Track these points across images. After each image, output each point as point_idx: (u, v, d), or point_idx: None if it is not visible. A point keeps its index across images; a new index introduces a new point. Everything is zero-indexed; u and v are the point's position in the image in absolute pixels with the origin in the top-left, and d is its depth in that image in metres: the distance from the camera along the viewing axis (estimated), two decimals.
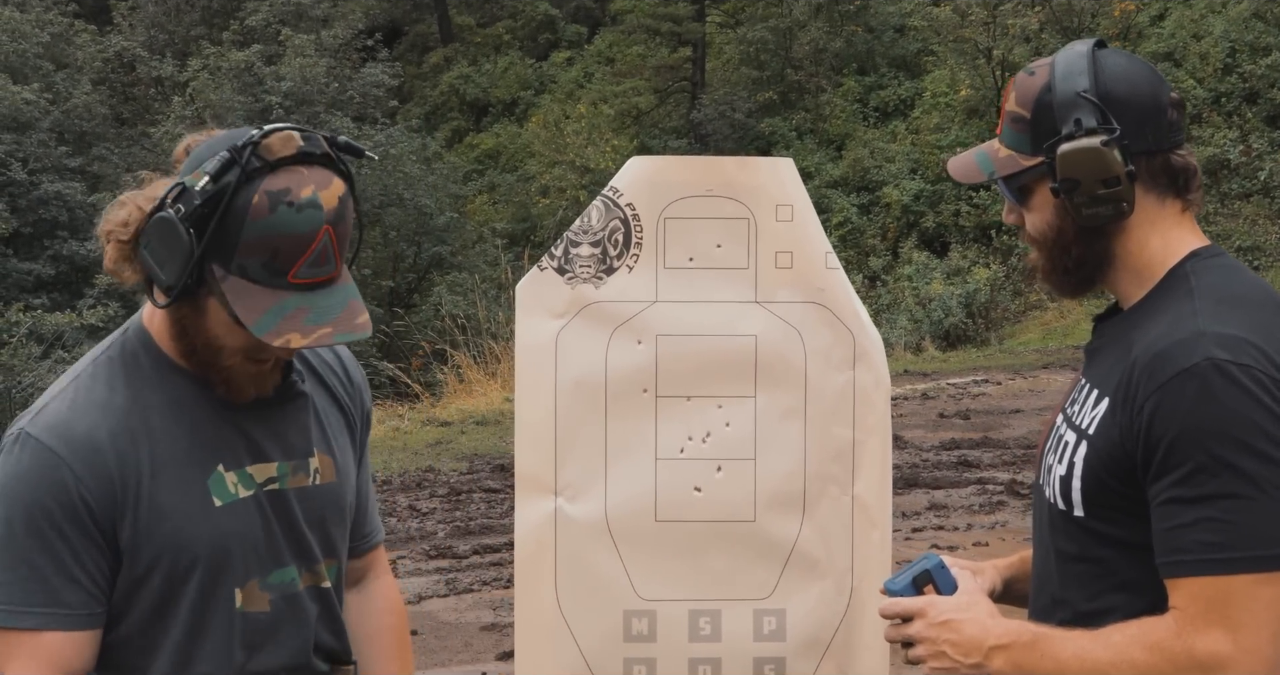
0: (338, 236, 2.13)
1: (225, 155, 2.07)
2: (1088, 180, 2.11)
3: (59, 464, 2.12)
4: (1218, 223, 23.33)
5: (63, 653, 2.13)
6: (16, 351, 20.12)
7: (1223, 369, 1.97)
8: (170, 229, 2.08)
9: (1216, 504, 1.95)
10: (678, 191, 2.93)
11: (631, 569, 2.92)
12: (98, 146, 27.36)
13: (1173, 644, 1.96)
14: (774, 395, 2.93)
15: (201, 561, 2.19)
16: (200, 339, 2.17)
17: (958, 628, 2.15)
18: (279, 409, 2.31)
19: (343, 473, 2.39)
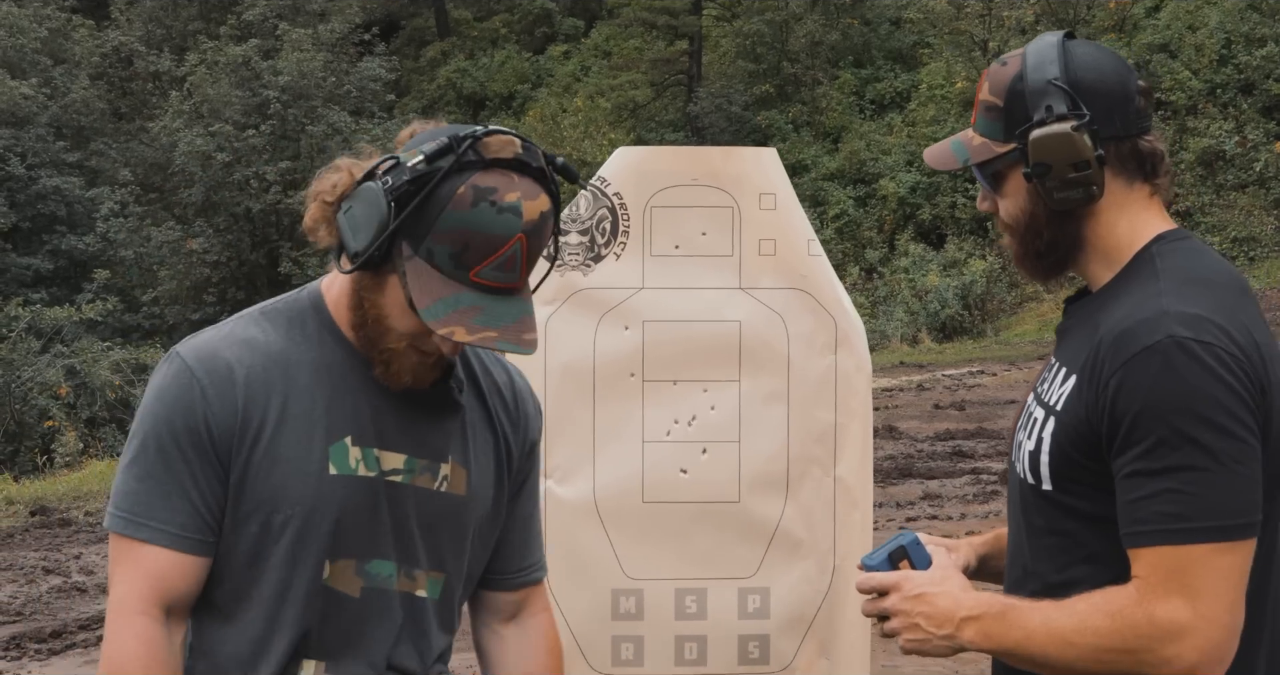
0: (529, 249, 2.11)
1: (444, 141, 2.08)
2: (1059, 164, 2.16)
3: (193, 384, 2.15)
4: (1213, 213, 23.39)
5: (167, 570, 2.16)
6: (16, 346, 20.19)
7: (1184, 346, 2.01)
8: (373, 198, 2.10)
9: (1177, 476, 1.99)
10: (664, 181, 3.00)
11: (619, 549, 3.00)
12: (96, 141, 27.41)
13: (1134, 611, 2.01)
14: (758, 379, 3.01)
15: (296, 520, 2.17)
16: (373, 313, 2.17)
17: (931, 600, 2.19)
18: (427, 407, 2.28)
19: (475, 490, 2.34)
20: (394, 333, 2.16)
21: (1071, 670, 2.07)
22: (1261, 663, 2.12)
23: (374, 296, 2.16)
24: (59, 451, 16.35)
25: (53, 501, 11.40)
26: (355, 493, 2.20)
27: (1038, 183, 2.20)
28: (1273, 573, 2.12)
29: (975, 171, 2.28)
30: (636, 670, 3.01)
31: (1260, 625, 2.09)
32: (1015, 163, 2.22)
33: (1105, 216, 2.24)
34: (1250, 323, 2.11)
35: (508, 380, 2.43)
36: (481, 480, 2.34)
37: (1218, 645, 2.00)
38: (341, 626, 2.22)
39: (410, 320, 2.13)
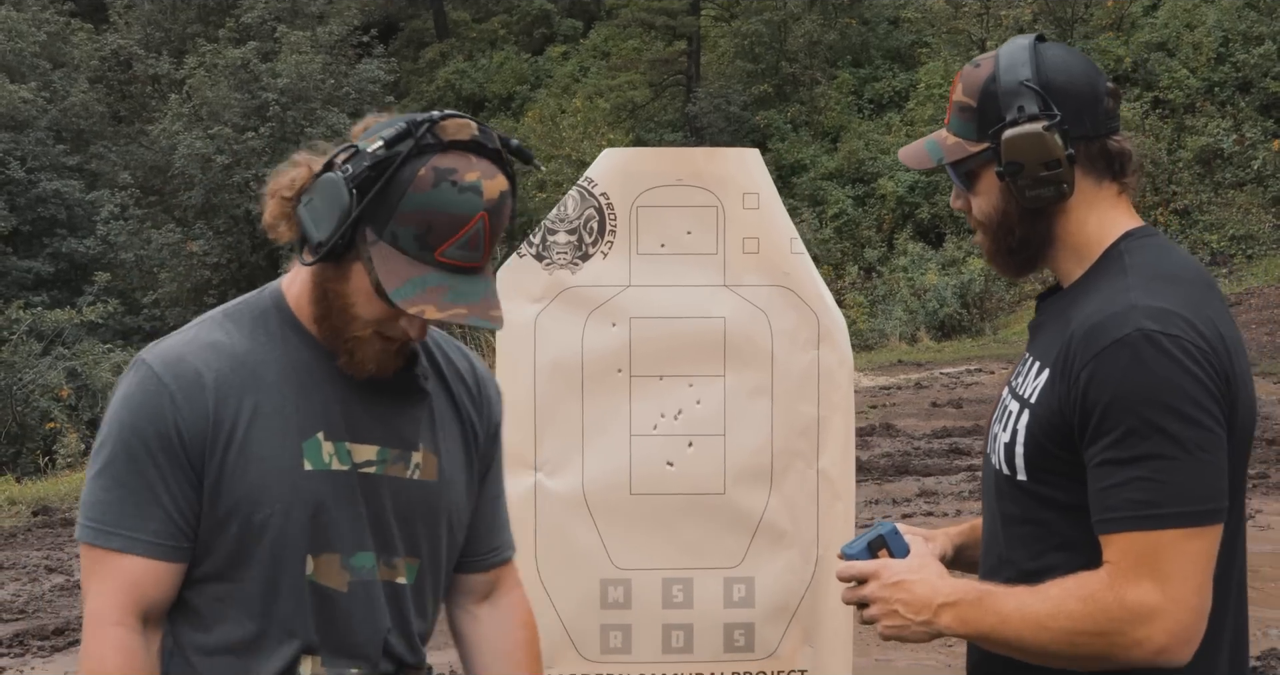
0: (491, 227, 2.14)
1: (403, 126, 2.11)
2: (1030, 163, 2.23)
3: (162, 391, 2.15)
4: (1211, 211, 23.42)
5: (142, 578, 2.15)
6: (17, 348, 20.23)
7: (1152, 339, 2.08)
8: (334, 188, 2.11)
9: (1146, 464, 2.05)
10: (649, 181, 3.07)
11: (608, 540, 3.06)
12: (95, 144, 27.43)
13: (1105, 595, 2.07)
14: (742, 374, 3.07)
15: (275, 519, 2.18)
16: (337, 303, 2.18)
17: (909, 588, 2.24)
18: (394, 397, 2.29)
19: (446, 476, 2.36)
20: (359, 320, 2.17)
21: (1045, 653, 2.12)
22: (1226, 645, 2.19)
23: (338, 286, 2.17)
24: (61, 453, 16.40)
25: (55, 502, 11.46)
26: (331, 487, 2.21)
27: (1010, 181, 2.26)
28: (1236, 558, 2.19)
29: (949, 170, 2.35)
30: (625, 658, 3.07)
31: (1224, 608, 2.16)
32: (988, 162, 2.28)
33: (1075, 214, 2.30)
34: (1215, 316, 2.18)
35: (469, 367, 2.45)
36: (452, 465, 2.36)
37: (1187, 627, 2.07)
38: (333, 621, 2.23)
39: (376, 306, 2.15)
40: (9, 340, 20.66)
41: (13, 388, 19.45)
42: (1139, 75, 25.97)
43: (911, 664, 6.47)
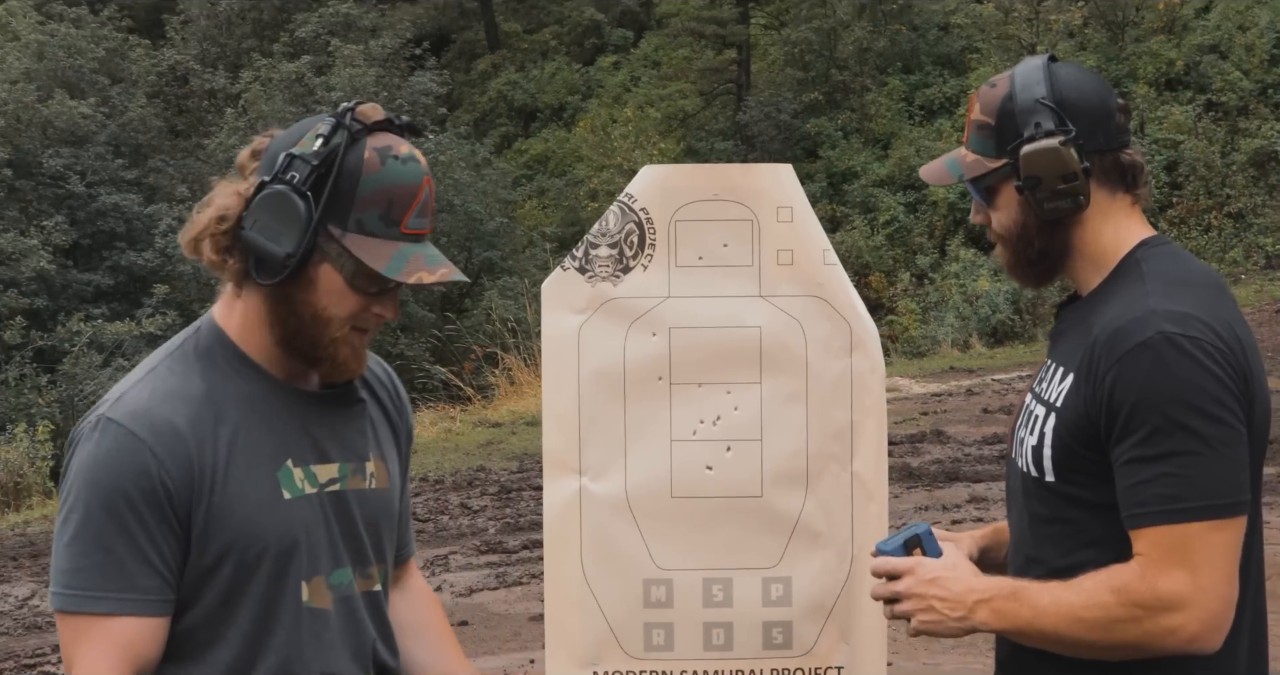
0: (432, 194, 2.24)
1: (330, 120, 2.17)
2: (1049, 177, 2.35)
3: (141, 448, 2.13)
4: (1265, 215, 23.24)
5: (135, 638, 2.14)
6: (78, 360, 20.54)
7: (1173, 341, 2.19)
8: (283, 199, 2.14)
9: (1172, 461, 2.17)
10: (687, 196, 3.17)
11: (650, 541, 3.15)
12: (153, 159, 27.70)
13: (1138, 585, 2.17)
14: (778, 381, 3.16)
15: (271, 552, 2.20)
16: (308, 313, 2.19)
17: (945, 584, 2.34)
18: (340, 412, 2.34)
19: (393, 481, 2.42)
20: (335, 321, 2.21)
21: (1079, 643, 2.23)
22: (1245, 632, 2.29)
23: (305, 295, 2.19)
24: None
25: None
26: (309, 511, 2.25)
27: (1029, 194, 2.37)
28: (1254, 548, 2.29)
29: (969, 186, 2.45)
30: (667, 655, 3.16)
31: (1244, 597, 2.26)
32: (1007, 177, 2.40)
33: (1092, 225, 2.41)
34: (1230, 318, 2.28)
35: (386, 376, 2.51)
36: (394, 469, 2.45)
37: (1217, 614, 2.18)
38: (325, 642, 2.27)
39: (350, 300, 2.20)
40: (70, 352, 20.97)
41: (74, 399, 19.75)
42: (1191, 78, 25.80)
43: (959, 668, 6.53)
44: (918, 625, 2.37)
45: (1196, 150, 24.09)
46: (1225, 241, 23.26)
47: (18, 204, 25.34)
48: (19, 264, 23.05)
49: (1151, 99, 25.43)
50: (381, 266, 2.16)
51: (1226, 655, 2.25)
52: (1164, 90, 25.98)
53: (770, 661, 3.16)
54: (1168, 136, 24.69)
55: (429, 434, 14.24)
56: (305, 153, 2.16)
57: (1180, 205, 23.97)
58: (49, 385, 20.73)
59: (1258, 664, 2.33)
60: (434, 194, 2.25)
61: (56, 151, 25.81)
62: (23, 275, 23.03)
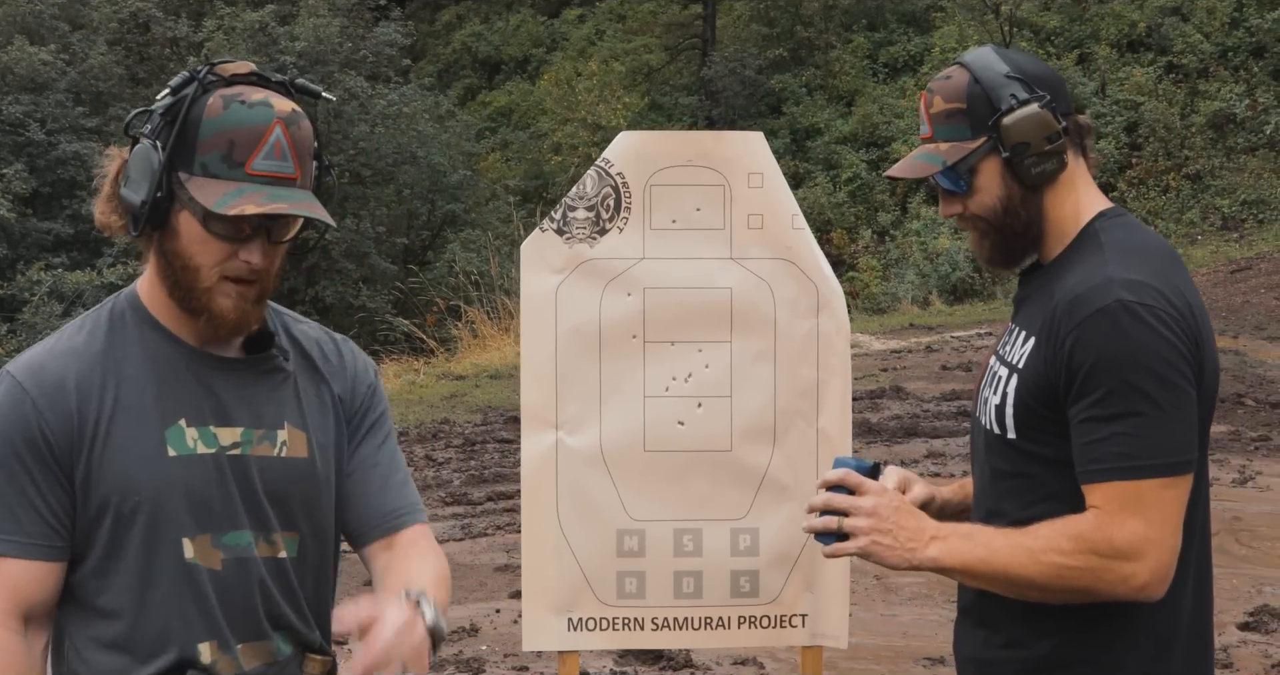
0: (291, 137, 2.20)
1: (185, 74, 2.20)
2: (1035, 139, 2.45)
3: (24, 399, 2.21)
4: (1223, 176, 23.47)
5: (20, 579, 2.21)
6: (38, 310, 20.45)
7: (1129, 308, 2.30)
8: (141, 151, 2.20)
9: (1127, 421, 2.28)
10: (662, 162, 3.28)
11: (623, 493, 3.27)
12: (114, 106, 27.42)
13: (1094, 534, 2.29)
14: (747, 340, 3.28)
15: (145, 505, 2.23)
16: (178, 263, 2.22)
17: (908, 514, 2.39)
18: (255, 377, 2.34)
19: (318, 450, 2.38)
20: (203, 269, 2.22)
21: (1030, 584, 2.33)
22: (1190, 581, 2.43)
23: (172, 245, 2.22)
24: None
25: None
26: (197, 471, 2.26)
27: (1016, 162, 2.46)
28: (1199, 503, 2.42)
29: (942, 178, 2.52)
30: (639, 602, 3.29)
31: (1190, 548, 2.39)
32: (989, 153, 2.48)
33: (1059, 192, 2.52)
34: (1182, 286, 2.41)
35: (334, 349, 2.48)
36: (324, 440, 2.39)
37: (1165, 565, 2.30)
38: (210, 599, 2.27)
39: (212, 246, 2.21)
40: (30, 302, 20.87)
41: None
42: (1153, 40, 25.97)
43: (915, 618, 6.68)
44: (867, 544, 2.37)
45: (1156, 112, 24.29)
46: (1183, 202, 23.50)
47: None
48: None
49: (1113, 60, 25.60)
50: (210, 202, 2.16)
51: (1171, 603, 2.38)
52: (1125, 52, 26.15)
53: (738, 609, 3.29)
54: (1128, 98, 24.87)
55: (393, 386, 14.29)
56: (154, 106, 2.22)
57: (1139, 166, 24.18)
58: (9, 335, 20.65)
59: (1201, 612, 2.47)
60: (298, 138, 2.22)
61: (16, 98, 25.58)
62: None
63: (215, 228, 2.20)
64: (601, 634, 3.30)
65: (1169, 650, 2.41)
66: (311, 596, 2.39)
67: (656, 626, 3.29)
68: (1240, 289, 17.68)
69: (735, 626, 3.30)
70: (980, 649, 2.54)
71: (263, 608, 2.31)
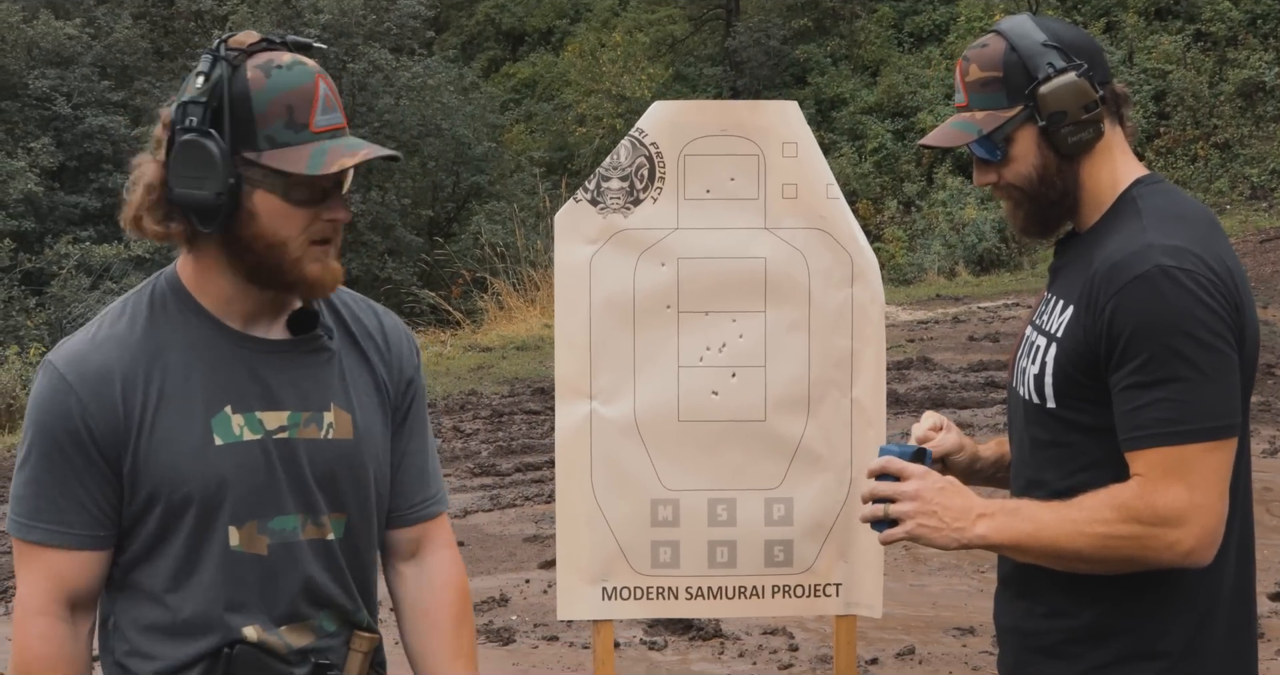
0: (332, 87, 2.23)
1: (207, 57, 2.19)
2: (1073, 108, 2.44)
3: (68, 391, 2.21)
4: (1252, 145, 23.31)
5: (63, 569, 2.24)
6: (66, 283, 20.55)
7: (1169, 273, 2.30)
8: (192, 146, 2.17)
9: (1169, 386, 2.28)
10: (695, 131, 3.28)
11: (657, 462, 3.28)
12: (139, 80, 27.50)
13: (1137, 503, 2.29)
14: (781, 310, 3.29)
15: (196, 496, 2.24)
16: (261, 244, 2.21)
17: (951, 496, 2.39)
18: (299, 359, 2.34)
19: (363, 432, 2.38)
20: (290, 241, 2.22)
21: (1078, 557, 2.34)
22: (1234, 546, 2.43)
23: (253, 229, 2.21)
24: None
25: None
26: (244, 459, 2.27)
27: (1053, 131, 2.45)
28: (1241, 469, 2.42)
29: (977, 147, 2.51)
30: (673, 572, 3.30)
31: (1233, 515, 2.39)
32: (1025, 121, 2.47)
33: (1097, 159, 2.51)
34: (1222, 251, 2.40)
35: (377, 323, 2.48)
36: (368, 421, 2.40)
37: (1212, 530, 2.31)
38: (258, 585, 2.29)
39: (295, 216, 2.21)
40: (58, 275, 20.96)
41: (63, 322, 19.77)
42: (1181, 8, 25.77)
43: (945, 589, 6.69)
44: (914, 528, 2.39)
45: (1185, 80, 24.13)
46: (1211, 172, 23.37)
47: (4, 126, 25.22)
48: (6, 186, 22.97)
49: (1141, 28, 25.43)
50: (303, 168, 2.18)
51: (1216, 569, 2.38)
52: (1153, 20, 25.96)
53: (772, 578, 3.31)
54: (1156, 66, 24.71)
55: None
56: (194, 96, 2.19)
57: (1167, 135, 24.04)
58: (37, 308, 20.75)
59: (1243, 579, 2.47)
60: (334, 88, 2.25)
61: (42, 73, 25.65)
62: (10, 197, 22.97)
63: (297, 195, 2.21)
64: (636, 603, 3.32)
65: (1212, 618, 2.41)
66: (358, 575, 2.41)
67: (690, 596, 3.31)
68: (1270, 258, 17.59)
69: (769, 596, 3.31)
70: (1021, 619, 2.54)
71: (308, 590, 2.34)
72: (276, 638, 2.30)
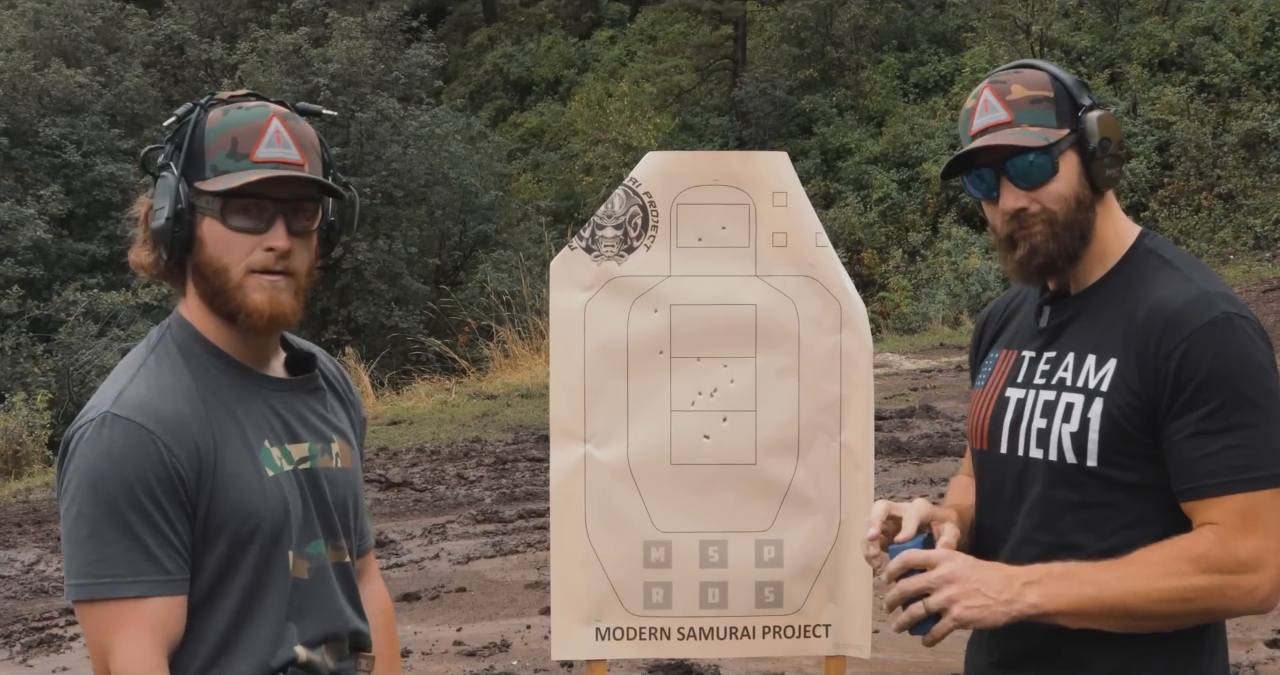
0: (293, 131, 2.30)
1: (187, 104, 2.33)
2: (1114, 141, 2.44)
3: (153, 439, 2.23)
4: (1255, 196, 23.38)
5: (166, 617, 2.24)
6: (74, 330, 20.62)
7: (1234, 321, 2.31)
8: (161, 181, 2.30)
9: (1239, 433, 2.26)
10: (688, 181, 3.35)
11: (650, 505, 3.33)
12: (149, 128, 27.62)
13: (1218, 553, 2.26)
14: (772, 356, 3.34)
15: (263, 527, 2.30)
16: (209, 270, 2.30)
17: (986, 570, 2.28)
18: (304, 396, 2.45)
19: (355, 463, 2.53)
20: (231, 267, 2.29)
21: (1149, 614, 2.29)
22: None
23: (201, 256, 2.31)
24: None
25: None
26: (289, 487, 2.37)
27: (1097, 160, 2.43)
28: None
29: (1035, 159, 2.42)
30: (666, 612, 3.35)
31: None
32: (1071, 145, 2.45)
33: (1108, 205, 2.50)
34: None
35: (336, 370, 2.62)
36: (356, 452, 2.55)
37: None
38: (302, 609, 2.37)
39: (235, 242, 2.29)
40: (66, 322, 21.06)
41: (70, 369, 19.86)
42: (1185, 59, 25.93)
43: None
44: (961, 613, 2.26)
45: (1188, 131, 24.25)
46: (1215, 222, 23.44)
47: (14, 173, 25.37)
48: (15, 233, 23.10)
49: (1145, 80, 25.57)
50: (221, 186, 2.26)
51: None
52: (1157, 71, 26.12)
53: (762, 619, 3.35)
54: (1160, 117, 24.84)
55: (424, 405, 14.38)
56: (164, 135, 2.34)
57: (1171, 185, 24.14)
58: (45, 354, 20.85)
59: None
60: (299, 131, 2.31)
61: (52, 121, 25.82)
62: (19, 244, 23.09)
63: (235, 222, 2.29)
64: (629, 643, 3.36)
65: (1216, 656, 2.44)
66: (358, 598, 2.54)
67: (683, 636, 3.35)
68: (1274, 308, 17.62)
69: (760, 636, 3.35)
70: None
71: (336, 611, 2.44)
72: (320, 656, 2.39)
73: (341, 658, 2.45)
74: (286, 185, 2.30)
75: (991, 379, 2.63)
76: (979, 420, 2.61)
